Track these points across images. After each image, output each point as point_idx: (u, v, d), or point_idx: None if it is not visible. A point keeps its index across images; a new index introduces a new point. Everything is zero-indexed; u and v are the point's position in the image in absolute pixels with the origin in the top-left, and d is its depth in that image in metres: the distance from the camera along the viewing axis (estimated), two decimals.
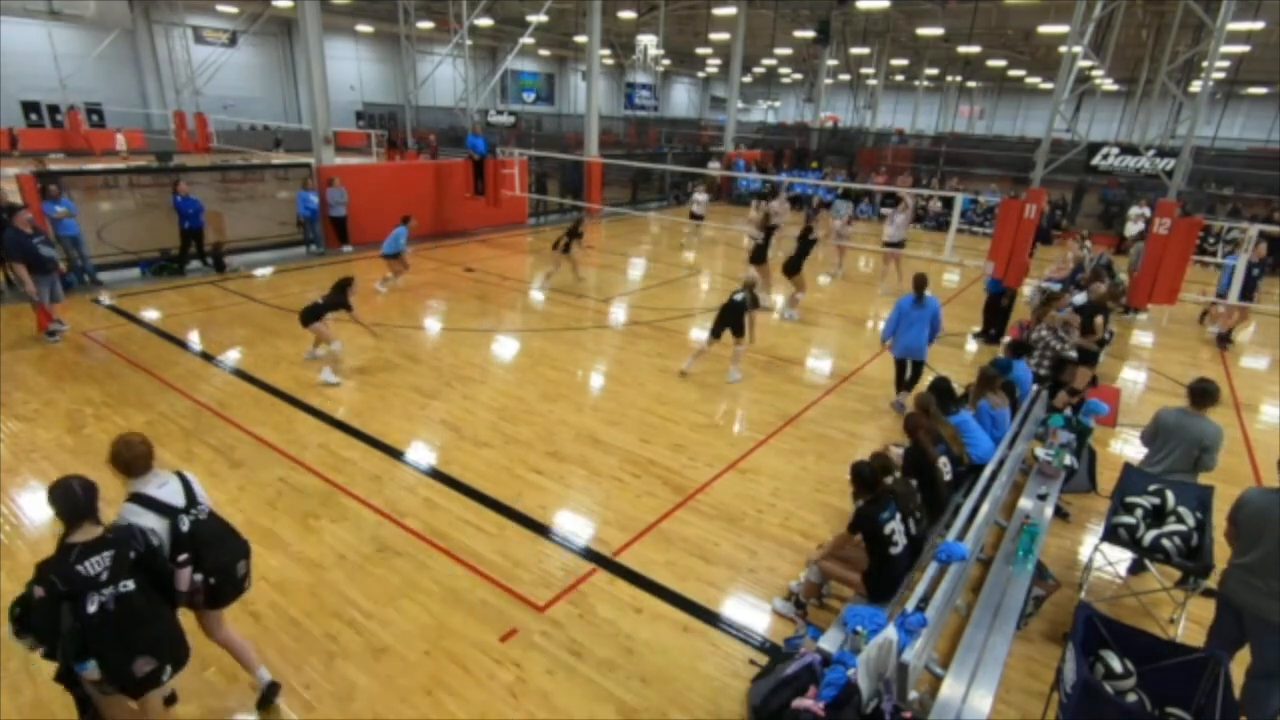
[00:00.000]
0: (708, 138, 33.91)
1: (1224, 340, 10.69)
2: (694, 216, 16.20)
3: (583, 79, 39.57)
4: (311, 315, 7.38)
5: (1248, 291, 10.35)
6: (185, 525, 3.04)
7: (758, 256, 11.05)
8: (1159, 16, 20.51)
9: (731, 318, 7.84)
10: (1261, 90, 34.14)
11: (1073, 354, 7.00)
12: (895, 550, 3.93)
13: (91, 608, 2.65)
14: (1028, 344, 6.96)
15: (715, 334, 7.93)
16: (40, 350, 8.06)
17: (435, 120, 30.19)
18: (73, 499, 2.75)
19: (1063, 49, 11.01)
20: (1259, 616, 3.45)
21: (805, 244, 10.54)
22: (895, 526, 3.94)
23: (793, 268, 10.47)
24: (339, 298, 7.51)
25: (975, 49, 27.17)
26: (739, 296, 7.87)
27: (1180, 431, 4.70)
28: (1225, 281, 11.48)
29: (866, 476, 4.03)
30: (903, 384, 7.46)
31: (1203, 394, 4.65)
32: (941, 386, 5.45)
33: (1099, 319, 7.36)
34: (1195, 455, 4.67)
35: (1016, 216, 9.27)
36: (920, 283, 7.05)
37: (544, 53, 44.35)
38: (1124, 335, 11.05)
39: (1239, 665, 3.48)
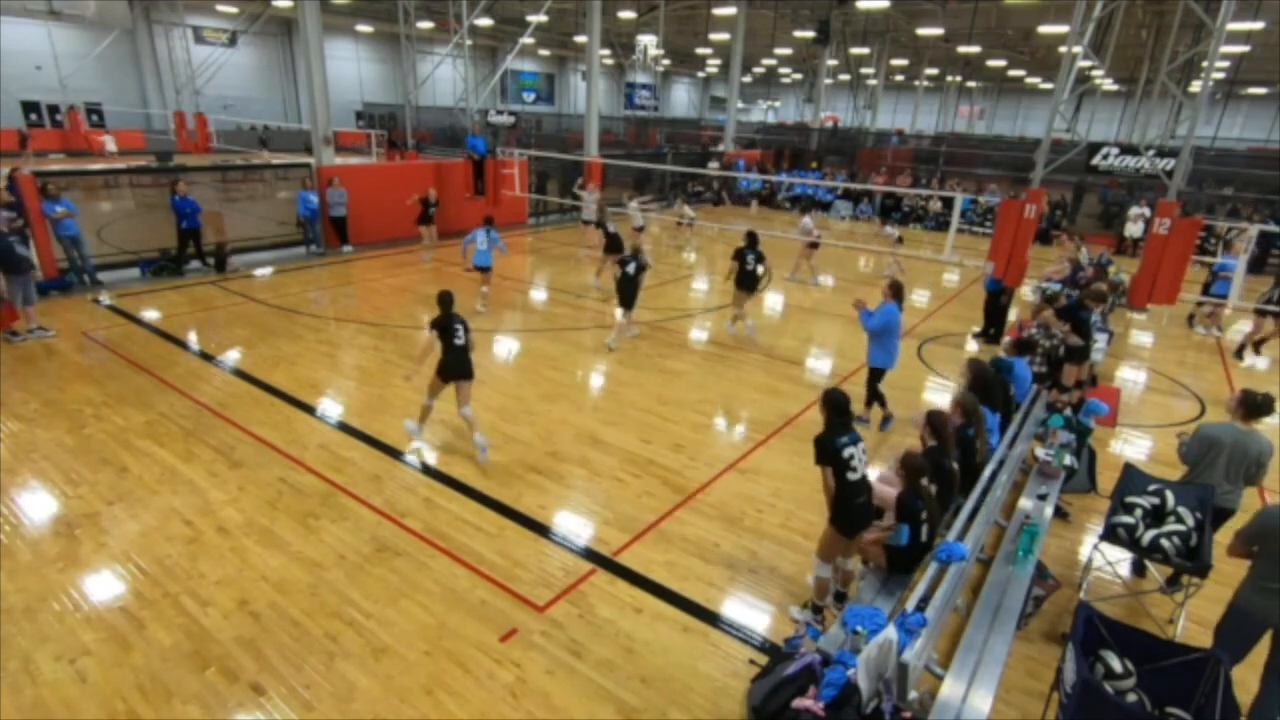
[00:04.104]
0: (708, 138, 33.87)
1: (1242, 350, 10.23)
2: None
3: (583, 79, 39.55)
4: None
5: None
6: None
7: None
8: (1159, 16, 20.52)
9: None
10: (1261, 90, 34.17)
11: (1061, 350, 7.03)
12: (853, 476, 4.03)
13: None
14: (1029, 343, 6.98)
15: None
16: (40, 350, 8.06)
17: (435, 120, 30.17)
18: None
19: (1063, 49, 10.99)
20: None
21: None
22: (854, 451, 4.05)
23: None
24: None
25: (975, 49, 27.15)
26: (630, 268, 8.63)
27: (1239, 449, 4.42)
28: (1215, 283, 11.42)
29: (837, 402, 4.14)
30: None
31: (1258, 406, 4.39)
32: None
33: (1083, 314, 7.32)
34: (1252, 472, 4.47)
35: (1016, 216, 9.30)
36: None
37: (544, 53, 44.32)
38: (1124, 335, 11.05)
39: (1238, 667, 3.48)
